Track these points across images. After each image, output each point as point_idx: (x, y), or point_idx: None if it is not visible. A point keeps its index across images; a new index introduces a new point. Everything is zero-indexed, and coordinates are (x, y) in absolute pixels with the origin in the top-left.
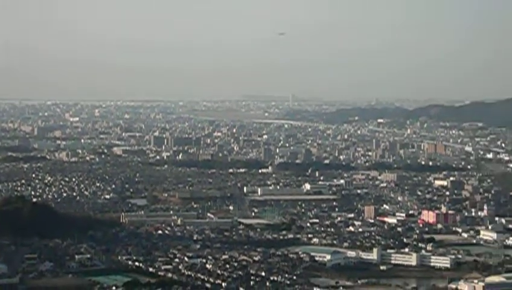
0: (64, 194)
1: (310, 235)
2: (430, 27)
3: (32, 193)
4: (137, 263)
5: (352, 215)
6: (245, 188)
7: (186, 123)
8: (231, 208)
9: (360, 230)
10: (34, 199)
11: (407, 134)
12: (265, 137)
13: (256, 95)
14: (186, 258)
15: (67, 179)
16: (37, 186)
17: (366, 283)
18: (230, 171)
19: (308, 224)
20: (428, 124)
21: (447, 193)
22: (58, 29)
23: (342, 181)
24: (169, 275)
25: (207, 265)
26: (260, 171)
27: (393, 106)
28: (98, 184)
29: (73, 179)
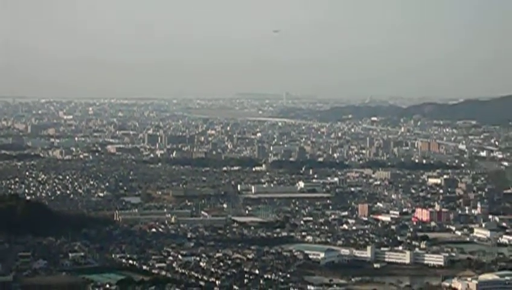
0: (58, 192)
1: (303, 233)
2: (425, 27)
3: (26, 191)
4: (131, 261)
5: (346, 213)
6: (239, 186)
7: (180, 121)
8: (225, 206)
9: (353, 228)
10: (28, 197)
11: (401, 132)
12: (259, 135)
13: (250, 93)
14: (180, 256)
15: (61, 177)
16: (31, 185)
17: (360, 281)
18: (224, 169)
19: (302, 222)
20: (422, 122)
21: (441, 191)
22: (51, 27)
23: (336, 179)
24: (163, 273)
25: (201, 263)
26: (254, 169)
27: (387, 104)
28: (91, 182)
29: (67, 177)
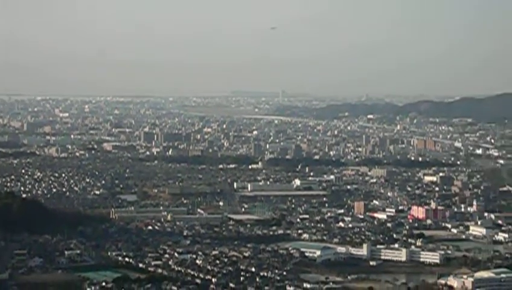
0: (54, 190)
1: (300, 231)
2: (422, 25)
3: (22, 189)
4: (127, 259)
5: (342, 211)
6: (235, 184)
7: (176, 119)
8: (221, 203)
9: (350, 226)
10: (24, 195)
11: (397, 130)
12: (255, 133)
13: (246, 90)
14: (176, 254)
15: (56, 175)
16: (27, 182)
17: (356, 278)
18: (220, 167)
19: (298, 220)
20: (418, 120)
21: (437, 189)
22: (48, 25)
23: (332, 177)
24: (159, 270)
25: (197, 261)
26: (250, 167)
27: (383, 101)
28: (87, 180)
29: (63, 175)
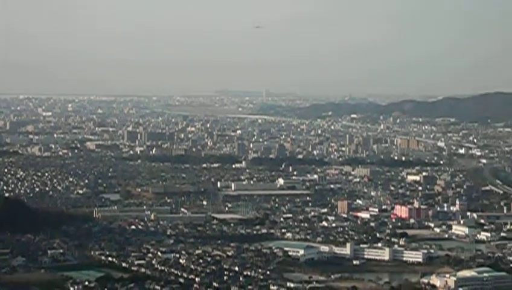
0: (37, 189)
1: (283, 230)
2: (406, 26)
3: (5, 188)
4: (110, 258)
5: (325, 210)
6: (219, 183)
7: (160, 118)
8: (205, 203)
9: (333, 225)
10: (6, 194)
11: (381, 129)
12: (239, 132)
13: (230, 90)
14: (159, 253)
15: (39, 174)
16: (9, 181)
17: (339, 277)
18: (204, 166)
19: (281, 219)
20: (401, 120)
21: (420, 188)
22: (39, 23)
23: (316, 176)
24: (143, 270)
25: (180, 260)
26: (234, 166)
27: (366, 101)
28: (70, 179)
29: (46, 174)
